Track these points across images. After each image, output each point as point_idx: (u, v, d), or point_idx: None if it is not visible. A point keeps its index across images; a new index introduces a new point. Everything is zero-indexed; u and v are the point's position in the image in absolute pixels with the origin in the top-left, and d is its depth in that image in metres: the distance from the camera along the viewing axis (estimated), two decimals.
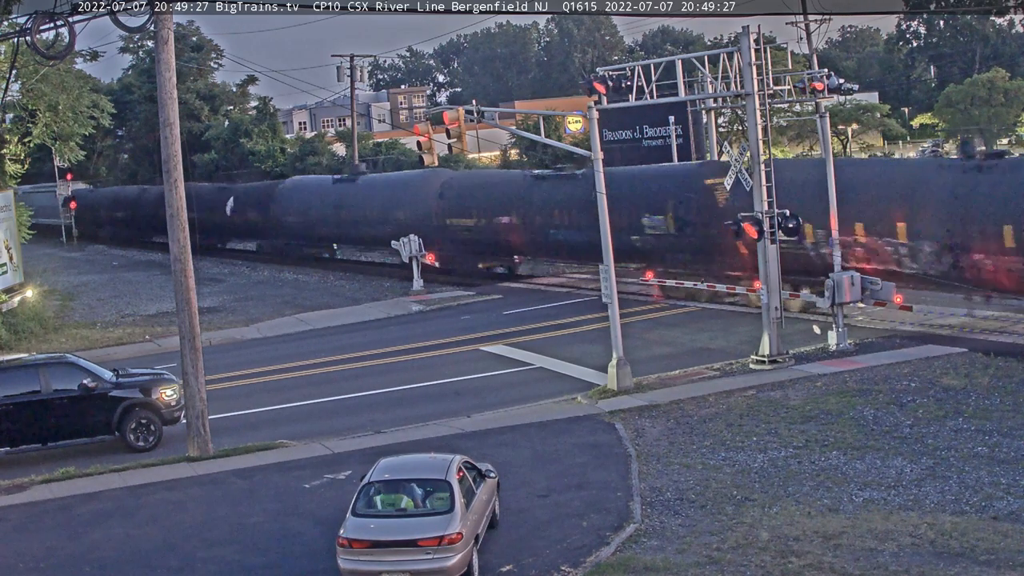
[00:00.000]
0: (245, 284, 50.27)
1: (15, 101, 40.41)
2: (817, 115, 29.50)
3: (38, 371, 23.72)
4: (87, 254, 70.05)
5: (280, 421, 25.45)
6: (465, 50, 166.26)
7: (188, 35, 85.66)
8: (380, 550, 14.68)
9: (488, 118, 30.40)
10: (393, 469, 16.16)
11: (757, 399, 23.49)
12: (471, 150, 60.08)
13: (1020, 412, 21.11)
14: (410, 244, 42.69)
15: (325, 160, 72.13)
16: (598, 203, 25.56)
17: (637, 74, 26.58)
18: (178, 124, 22.43)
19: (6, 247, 39.09)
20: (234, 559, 16.63)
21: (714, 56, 27.65)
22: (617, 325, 25.26)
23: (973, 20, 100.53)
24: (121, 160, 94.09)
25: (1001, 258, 25.94)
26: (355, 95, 65.21)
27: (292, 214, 48.22)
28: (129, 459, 22.52)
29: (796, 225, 26.65)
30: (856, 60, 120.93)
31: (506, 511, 17.52)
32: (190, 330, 22.34)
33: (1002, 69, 79.19)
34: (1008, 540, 15.15)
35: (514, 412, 24.20)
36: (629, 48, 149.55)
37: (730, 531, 16.19)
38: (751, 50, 25.93)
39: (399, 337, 34.69)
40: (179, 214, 22.30)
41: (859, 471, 18.63)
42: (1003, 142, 77.43)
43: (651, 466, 19.62)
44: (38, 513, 19.39)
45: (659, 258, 35.17)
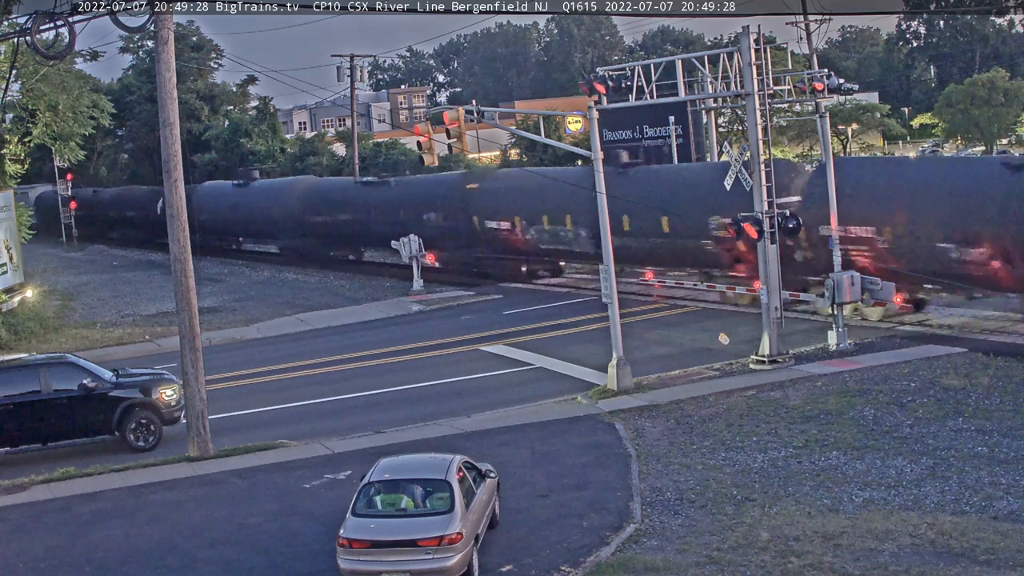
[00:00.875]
0: (245, 284, 50.28)
1: (15, 101, 40.41)
2: (817, 115, 29.54)
3: (38, 371, 23.71)
4: (87, 254, 70.02)
5: (280, 421, 25.45)
6: (465, 50, 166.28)
7: (188, 35, 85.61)
8: (380, 550, 14.68)
9: (488, 118, 30.41)
10: (393, 469, 16.16)
11: (757, 399, 23.49)
12: (471, 150, 60.00)
13: (1020, 412, 21.12)
14: (410, 244, 42.71)
15: (325, 160, 72.18)
16: (598, 203, 25.54)
17: (637, 74, 26.58)
18: (178, 124, 22.43)
19: (6, 247, 39.10)
20: (234, 559, 16.64)
21: (714, 56, 27.65)
22: (617, 325, 25.26)
23: (973, 20, 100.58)
24: (121, 160, 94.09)
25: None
26: (355, 95, 65.25)
27: (205, 212, 55.60)
28: (129, 459, 22.51)
29: (796, 225, 26.67)
30: (856, 60, 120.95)
31: (506, 511, 17.52)
32: (190, 330, 22.34)
33: (1002, 69, 79.14)
34: (1008, 540, 15.15)
35: (514, 412, 24.20)
36: (629, 48, 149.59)
37: (730, 531, 16.20)
38: (751, 50, 25.92)
39: (399, 337, 34.69)
40: (179, 214, 22.30)
41: (859, 471, 18.63)
42: (1003, 142, 77.44)
43: (651, 466, 19.63)
44: (38, 513, 19.38)
45: (437, 245, 44.46)
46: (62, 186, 73.54)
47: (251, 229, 58.58)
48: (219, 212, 58.00)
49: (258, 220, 56.45)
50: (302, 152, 74.19)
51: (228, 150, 78.48)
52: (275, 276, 52.37)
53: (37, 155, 55.65)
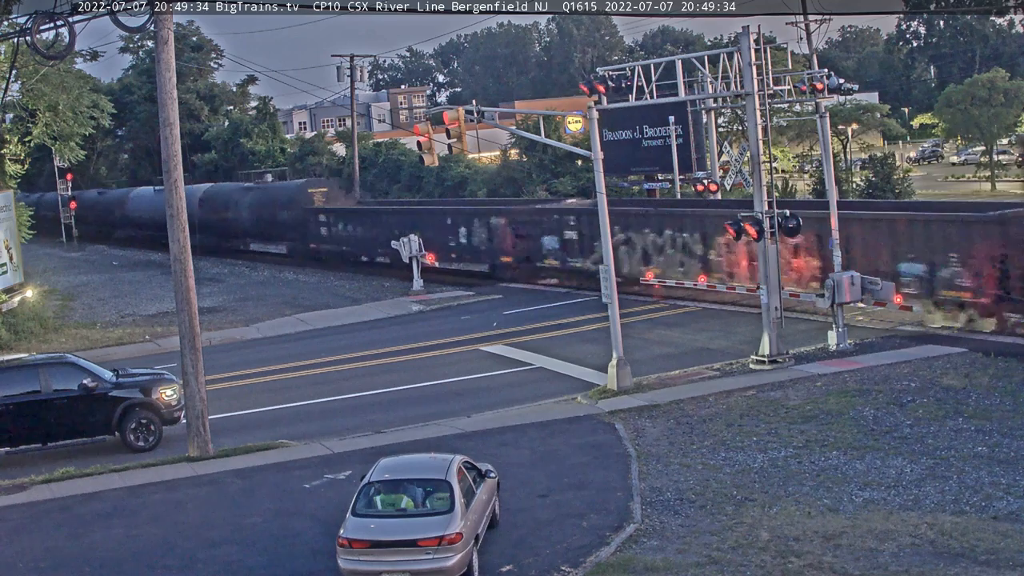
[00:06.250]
0: (245, 284, 50.30)
1: (15, 101, 40.41)
2: (817, 115, 29.52)
3: (38, 371, 23.71)
4: (87, 254, 70.04)
5: (280, 421, 25.45)
6: (465, 50, 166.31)
7: (188, 35, 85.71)
8: (380, 550, 14.68)
9: (488, 118, 30.42)
10: (393, 469, 16.16)
11: (757, 399, 23.50)
12: (471, 150, 60.14)
13: (1020, 412, 21.11)
14: (410, 244, 42.70)
15: (325, 160, 72.14)
16: (598, 203, 25.54)
17: (637, 74, 26.59)
18: (178, 124, 22.44)
19: (6, 247, 39.09)
20: (234, 559, 16.64)
21: (714, 56, 27.66)
22: (617, 325, 25.26)
23: (973, 20, 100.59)
24: (121, 160, 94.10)
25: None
26: (355, 95, 65.23)
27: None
28: (129, 459, 22.52)
29: (796, 225, 26.67)
30: (856, 60, 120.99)
31: (506, 511, 17.52)
32: (190, 330, 22.34)
33: (1002, 69, 79.04)
34: (1008, 540, 15.15)
35: (514, 412, 24.20)
36: (629, 48, 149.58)
37: (730, 531, 16.20)
38: (751, 50, 25.92)
39: (399, 337, 34.70)
40: (179, 214, 22.32)
41: (859, 471, 18.63)
42: (1003, 142, 77.37)
43: (651, 466, 19.62)
44: (38, 513, 19.38)
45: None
46: (62, 186, 73.63)
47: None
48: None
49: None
50: (302, 152, 74.14)
51: (228, 150, 78.49)
52: (275, 276, 52.40)
53: (37, 155, 55.61)
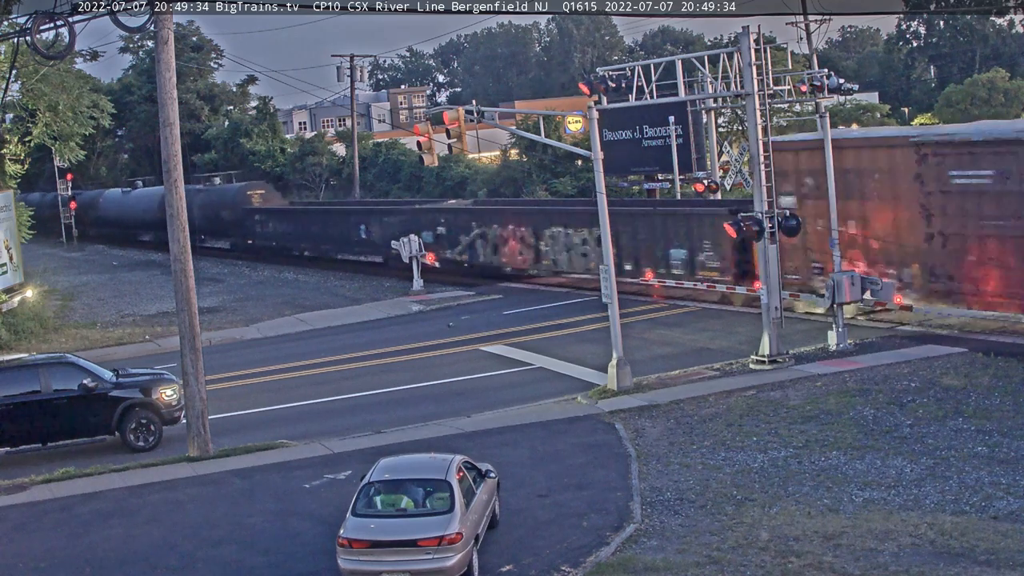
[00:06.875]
0: (245, 284, 50.30)
1: (15, 101, 40.40)
2: (817, 115, 29.51)
3: (38, 371, 23.71)
4: (87, 254, 70.05)
5: (280, 421, 25.45)
6: (465, 50, 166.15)
7: (188, 35, 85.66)
8: (380, 550, 14.68)
9: (488, 118, 30.43)
10: (393, 469, 16.16)
11: (757, 399, 23.49)
12: (471, 150, 60.15)
13: (1020, 412, 21.10)
14: (410, 244, 42.69)
15: (325, 160, 72.16)
16: (598, 203, 25.55)
17: (637, 74, 26.58)
18: (178, 124, 22.44)
19: (6, 247, 39.09)
20: (234, 559, 16.64)
21: (714, 56, 27.65)
22: (617, 325, 25.26)
23: (973, 20, 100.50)
24: (121, 160, 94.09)
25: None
26: (355, 95, 65.28)
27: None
28: (129, 459, 22.53)
29: (796, 224, 26.68)
30: (856, 60, 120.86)
31: (506, 511, 17.52)
32: (190, 330, 22.34)
33: (1002, 69, 79.04)
34: (1008, 540, 15.15)
35: (514, 412, 24.20)
36: (629, 48, 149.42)
37: (730, 531, 16.20)
38: (751, 50, 25.91)
39: (399, 337, 34.70)
40: (179, 214, 22.32)
41: (859, 471, 18.63)
42: None
43: (651, 466, 19.63)
44: (38, 513, 19.39)
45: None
46: (62, 186, 73.75)
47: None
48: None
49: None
50: (302, 152, 74.15)
51: (228, 150, 78.50)
52: (275, 276, 52.39)
53: (37, 155, 55.62)
